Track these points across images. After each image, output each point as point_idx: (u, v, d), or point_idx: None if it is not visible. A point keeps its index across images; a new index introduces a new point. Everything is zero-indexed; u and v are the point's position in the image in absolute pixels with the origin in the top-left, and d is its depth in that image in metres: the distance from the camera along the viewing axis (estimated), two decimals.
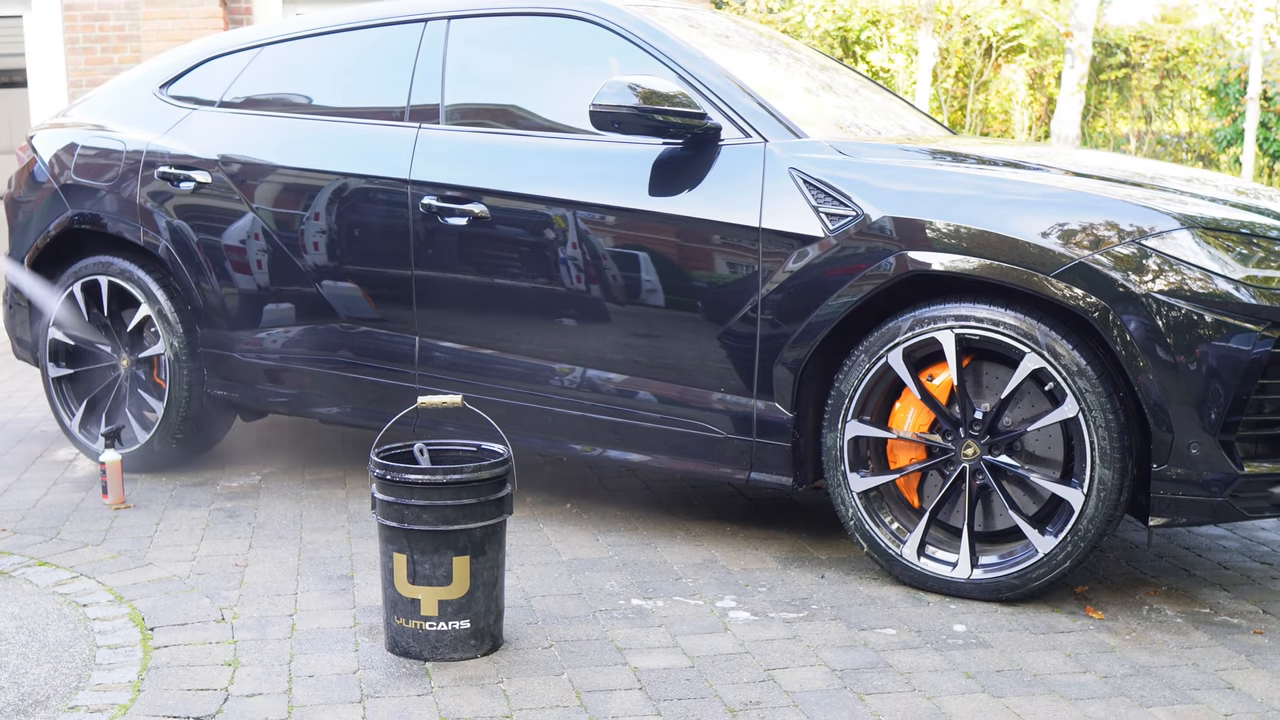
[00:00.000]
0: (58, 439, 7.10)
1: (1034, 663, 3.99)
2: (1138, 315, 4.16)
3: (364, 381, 5.63)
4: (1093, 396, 4.23)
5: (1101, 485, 4.26)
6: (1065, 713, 3.63)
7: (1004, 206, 4.41)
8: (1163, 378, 4.14)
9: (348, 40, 5.98)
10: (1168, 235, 4.22)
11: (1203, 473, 4.18)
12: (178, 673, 3.89)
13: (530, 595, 4.57)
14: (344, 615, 4.37)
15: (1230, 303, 4.13)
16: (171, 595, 4.55)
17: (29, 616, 4.34)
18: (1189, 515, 4.30)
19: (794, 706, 3.67)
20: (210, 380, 6.07)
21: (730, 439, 4.85)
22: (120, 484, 5.75)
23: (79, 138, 6.47)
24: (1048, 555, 4.35)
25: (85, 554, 5.02)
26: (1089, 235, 4.27)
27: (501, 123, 5.48)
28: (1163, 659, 4.03)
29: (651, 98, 4.77)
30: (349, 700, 3.70)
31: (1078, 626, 4.30)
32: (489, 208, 5.21)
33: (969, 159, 4.78)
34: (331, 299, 5.65)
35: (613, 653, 4.04)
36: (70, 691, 3.74)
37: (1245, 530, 5.48)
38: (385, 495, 3.96)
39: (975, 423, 4.49)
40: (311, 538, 5.23)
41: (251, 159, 5.88)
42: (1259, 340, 4.11)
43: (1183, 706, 3.68)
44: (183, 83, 6.33)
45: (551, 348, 5.16)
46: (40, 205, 6.56)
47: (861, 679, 3.85)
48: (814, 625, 4.31)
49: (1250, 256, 4.28)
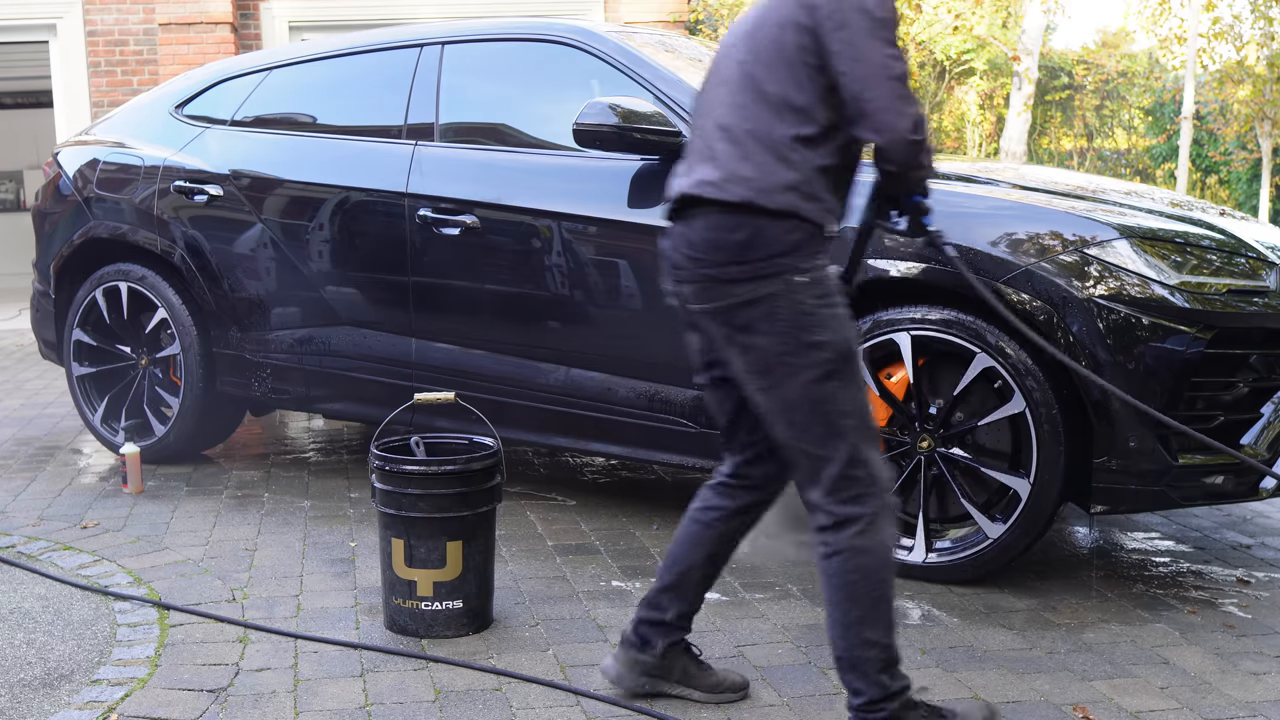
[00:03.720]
0: (81, 433, 7.08)
1: (984, 640, 3.99)
2: (1080, 318, 4.16)
3: (364, 380, 5.61)
4: (1039, 394, 4.23)
5: (1046, 475, 4.26)
6: (1013, 686, 3.64)
7: (957, 218, 4.40)
8: (1103, 376, 4.15)
9: (350, 64, 5.97)
10: (1108, 244, 4.23)
11: (1140, 464, 4.18)
12: (192, 649, 3.87)
13: (519, 578, 4.56)
14: (346, 596, 4.36)
15: (1166, 307, 4.14)
16: (186, 577, 4.54)
17: (54, 597, 4.32)
18: (1128, 503, 4.31)
19: (763, 680, 3.67)
20: (222, 378, 6.05)
21: (704, 433, 4.84)
22: (139, 474, 5.74)
23: (101, 154, 6.45)
24: (997, 540, 4.36)
25: (106, 539, 5.00)
26: (1035, 244, 4.27)
27: (492, 140, 5.47)
28: (1103, 636, 4.03)
29: (630, 117, 4.76)
30: (350, 674, 3.69)
31: (1025, 607, 4.30)
32: (480, 219, 5.19)
33: None
34: (334, 303, 5.63)
35: (595, 631, 4.03)
36: (93, 666, 3.73)
37: (1179, 517, 5.49)
38: (384, 484, 3.95)
39: (930, 418, 4.49)
40: (316, 524, 5.22)
41: (261, 174, 5.86)
42: (1192, 341, 4.12)
43: (1122, 680, 3.69)
44: (197, 103, 6.31)
45: (538, 348, 5.16)
46: (65, 216, 6.54)
47: (825, 655, 3.84)
48: (781, 605, 4.30)
49: (1184, 264, 4.28)
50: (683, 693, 3.51)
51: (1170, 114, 21.61)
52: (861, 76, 3.04)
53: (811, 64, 3.09)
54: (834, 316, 3.14)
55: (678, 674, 3.51)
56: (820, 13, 3.07)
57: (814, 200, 3.12)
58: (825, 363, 3.10)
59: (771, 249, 3.10)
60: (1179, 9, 19.45)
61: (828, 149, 3.14)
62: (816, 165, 3.12)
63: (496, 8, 12.88)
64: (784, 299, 3.10)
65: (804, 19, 3.09)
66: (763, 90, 3.14)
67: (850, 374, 3.14)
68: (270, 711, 3.44)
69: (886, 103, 3.04)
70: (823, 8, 3.06)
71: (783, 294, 3.10)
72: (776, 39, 3.13)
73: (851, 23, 3.04)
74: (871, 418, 3.18)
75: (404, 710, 3.45)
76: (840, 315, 3.15)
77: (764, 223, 3.10)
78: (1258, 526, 5.36)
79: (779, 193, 3.09)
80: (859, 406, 3.15)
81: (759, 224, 3.10)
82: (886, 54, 3.05)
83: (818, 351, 3.10)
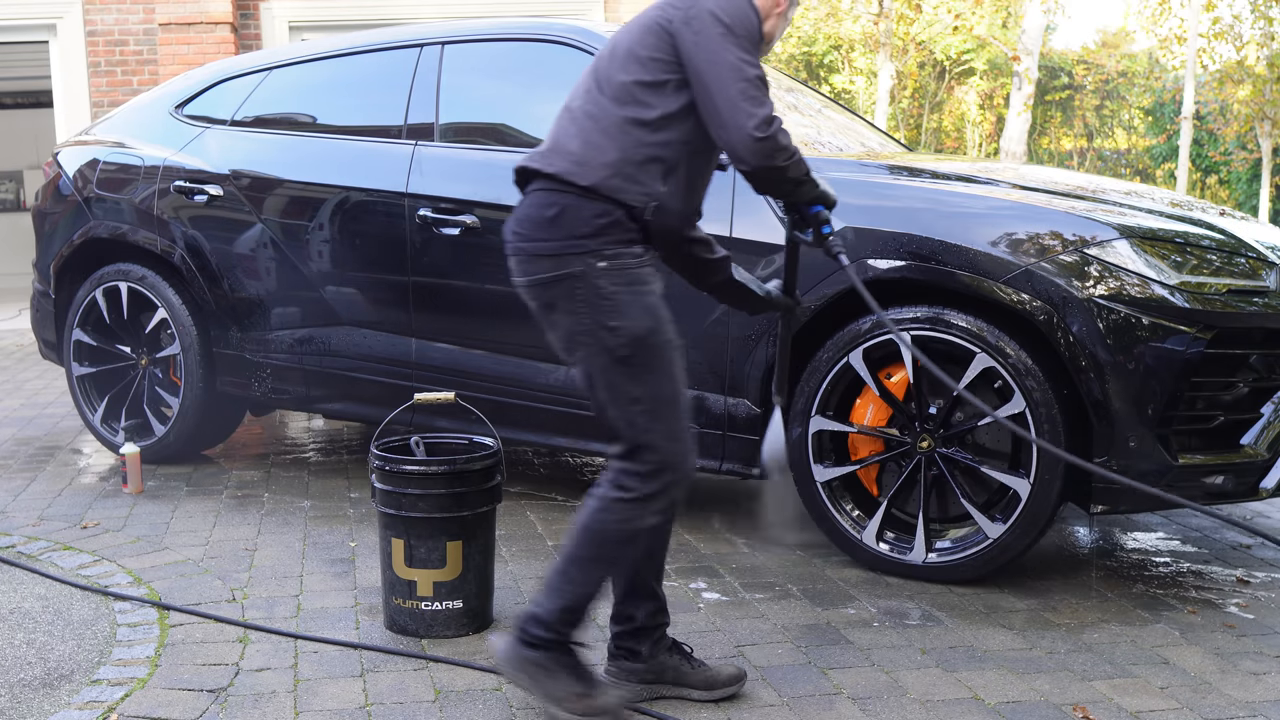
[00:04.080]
0: (81, 433, 7.08)
1: (984, 640, 3.99)
2: (1080, 318, 4.16)
3: (364, 379, 5.61)
4: (1038, 394, 4.23)
5: (1046, 475, 4.26)
6: (1013, 685, 3.64)
7: (957, 218, 4.41)
8: (1103, 376, 4.15)
9: (350, 64, 5.97)
10: (1108, 244, 4.22)
11: (1140, 464, 4.18)
12: (192, 649, 3.87)
13: (519, 578, 4.56)
14: (346, 596, 4.36)
15: (1166, 306, 4.13)
16: (186, 577, 4.54)
17: (54, 597, 4.32)
18: (1128, 503, 4.31)
19: (763, 680, 3.66)
20: (222, 378, 6.05)
21: (703, 432, 4.84)
22: (139, 474, 5.73)
23: (101, 154, 6.45)
24: (997, 540, 4.36)
25: (106, 539, 4.99)
26: (1035, 244, 4.27)
27: (491, 140, 5.47)
28: (1103, 636, 4.03)
29: None
30: (350, 674, 3.69)
31: (1025, 607, 4.30)
32: (480, 219, 5.19)
33: (924, 174, 4.77)
34: (334, 303, 5.63)
35: (594, 631, 4.03)
36: (93, 666, 3.72)
37: (1179, 517, 5.49)
38: (384, 484, 3.95)
39: (930, 418, 4.49)
40: (315, 524, 5.22)
41: (260, 174, 5.86)
42: (1192, 341, 4.11)
43: (1122, 680, 3.69)
44: (197, 103, 6.31)
45: (538, 348, 5.15)
46: (65, 216, 6.54)
47: (825, 655, 3.85)
48: (781, 605, 4.30)
49: (1184, 264, 4.28)
50: (681, 693, 3.53)
51: (1170, 114, 21.63)
52: (714, 77, 3.20)
53: (660, 59, 3.26)
54: (635, 304, 3.23)
55: (671, 675, 3.54)
56: (679, 20, 3.24)
57: (634, 183, 3.23)
58: (618, 348, 3.22)
59: (576, 229, 3.22)
60: (1179, 9, 19.47)
61: (663, 137, 3.25)
62: (645, 150, 3.24)
63: (496, 8, 12.89)
64: (584, 280, 3.22)
65: (665, 23, 3.26)
66: (611, 79, 3.31)
67: (646, 362, 3.23)
68: (270, 711, 3.44)
69: (734, 102, 3.19)
70: (682, 14, 3.24)
71: (582, 275, 3.22)
72: (639, 38, 3.30)
73: (707, 29, 3.20)
74: (674, 408, 3.27)
75: (404, 710, 3.45)
76: (645, 304, 3.24)
77: (576, 201, 3.23)
78: (1258, 527, 5.36)
79: (596, 169, 3.22)
80: (654, 395, 3.25)
81: (570, 202, 3.23)
82: (740, 57, 3.20)
83: (612, 336, 3.22)
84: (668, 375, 3.25)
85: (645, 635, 3.54)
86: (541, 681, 3.28)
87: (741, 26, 3.23)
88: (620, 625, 3.57)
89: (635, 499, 3.26)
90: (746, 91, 3.18)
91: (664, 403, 3.25)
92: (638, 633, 3.54)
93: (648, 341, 3.23)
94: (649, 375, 3.24)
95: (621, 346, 3.21)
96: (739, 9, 3.25)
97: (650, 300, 3.24)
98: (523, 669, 3.30)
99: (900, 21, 18.55)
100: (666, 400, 3.26)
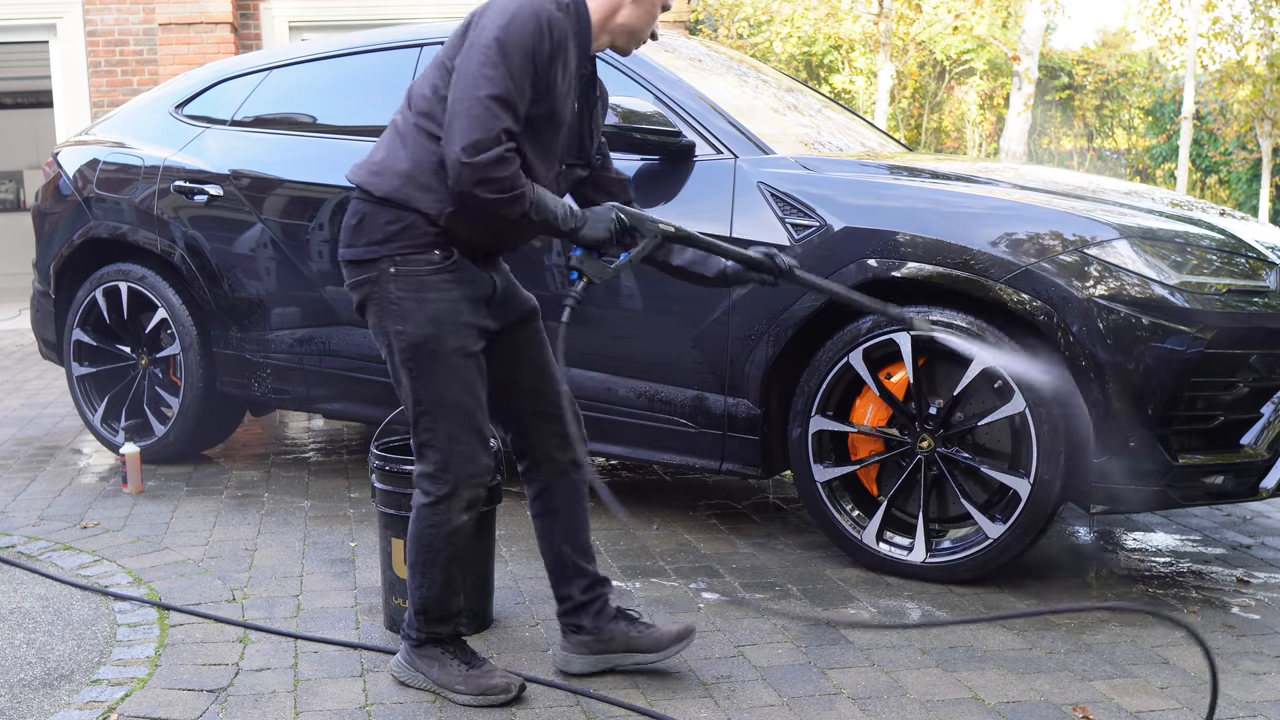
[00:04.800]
0: (81, 433, 7.08)
1: (984, 640, 3.99)
2: (1080, 318, 4.16)
3: (364, 380, 5.61)
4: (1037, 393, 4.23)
5: (1046, 475, 4.26)
6: (1013, 686, 3.64)
7: (957, 218, 4.41)
8: (1103, 376, 4.14)
9: (349, 64, 5.97)
10: (1108, 244, 4.22)
11: (1140, 464, 4.18)
12: (192, 649, 3.87)
13: (518, 578, 4.56)
14: (346, 596, 4.36)
15: (1166, 307, 4.13)
16: (186, 577, 4.54)
17: (54, 597, 4.32)
18: (1128, 503, 4.31)
19: (762, 680, 3.66)
20: (222, 378, 6.05)
21: (704, 433, 4.85)
22: (139, 474, 5.74)
23: (101, 154, 6.45)
24: (997, 540, 4.35)
25: (106, 539, 5.00)
26: (1035, 244, 4.27)
27: None
28: (1103, 637, 4.03)
29: (630, 117, 4.77)
30: (350, 674, 3.69)
31: (1025, 607, 4.30)
32: None
33: (924, 174, 4.77)
34: (334, 302, 5.63)
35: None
36: (93, 666, 3.73)
37: (1179, 517, 5.49)
38: (384, 484, 3.95)
39: (930, 418, 4.49)
40: (316, 524, 5.22)
41: (261, 174, 5.86)
42: (1192, 341, 4.11)
43: (1122, 680, 3.69)
44: (197, 103, 6.31)
45: None
46: (65, 216, 6.54)
47: (825, 655, 3.85)
48: (781, 605, 4.30)
49: (1184, 264, 4.28)
50: (635, 661, 3.66)
51: (1170, 114, 21.62)
52: (456, 90, 3.22)
53: (449, 67, 3.30)
54: (418, 311, 3.35)
55: (620, 642, 3.66)
56: (475, 22, 3.28)
57: (426, 191, 3.32)
58: (400, 352, 3.38)
59: (372, 236, 3.36)
60: (1179, 9, 19.46)
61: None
62: (437, 157, 3.29)
63: None
64: (378, 286, 3.37)
65: (466, 27, 3.32)
66: (416, 88, 3.40)
67: (426, 368, 3.37)
68: (270, 711, 3.44)
69: (456, 116, 3.20)
70: (475, 26, 3.27)
71: (377, 280, 3.37)
72: (447, 46, 3.36)
73: (478, 41, 3.22)
74: (455, 413, 3.39)
75: (404, 710, 3.45)
76: (430, 312, 3.35)
77: (372, 209, 3.36)
78: (1258, 526, 5.36)
79: (390, 178, 3.34)
80: (434, 399, 3.38)
81: (368, 210, 3.37)
82: (484, 73, 3.17)
83: (396, 340, 3.38)
84: (447, 381, 3.37)
85: (585, 610, 3.68)
86: (431, 673, 3.53)
87: (515, 37, 3.17)
88: (562, 605, 3.73)
89: (434, 502, 3.44)
90: (474, 110, 3.16)
91: (445, 407, 3.38)
92: (578, 609, 3.69)
93: (427, 348, 3.35)
94: (429, 380, 3.37)
95: (403, 350, 3.37)
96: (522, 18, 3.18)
97: (437, 308, 3.35)
98: (413, 665, 3.56)
99: (900, 21, 18.54)
100: (447, 405, 3.38)
